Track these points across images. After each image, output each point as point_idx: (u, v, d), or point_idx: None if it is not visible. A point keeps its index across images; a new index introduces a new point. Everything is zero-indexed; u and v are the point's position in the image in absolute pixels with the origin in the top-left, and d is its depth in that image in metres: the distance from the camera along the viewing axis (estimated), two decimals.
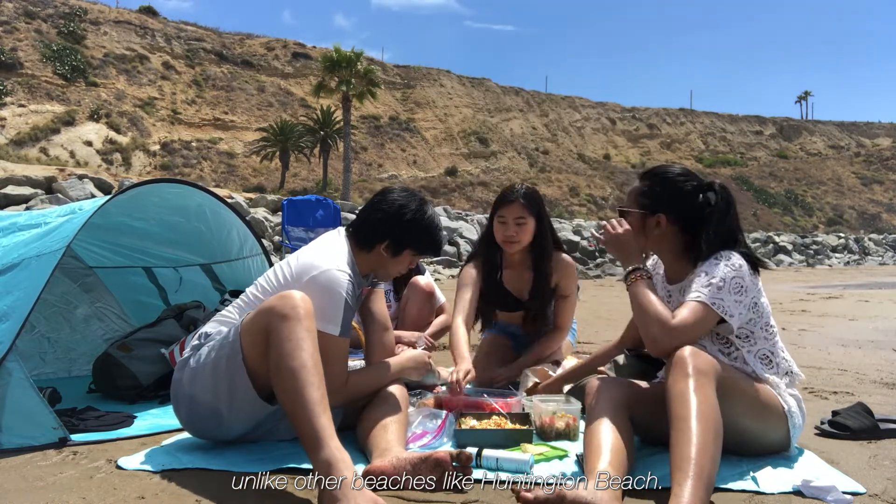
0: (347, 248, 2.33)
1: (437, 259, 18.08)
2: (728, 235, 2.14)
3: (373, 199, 2.42)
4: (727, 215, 2.16)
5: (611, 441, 1.84)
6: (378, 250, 2.33)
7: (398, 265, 2.40)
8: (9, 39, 37.29)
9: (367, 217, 2.38)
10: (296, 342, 1.89)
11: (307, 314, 1.95)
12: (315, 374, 1.85)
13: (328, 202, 5.73)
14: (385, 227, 2.32)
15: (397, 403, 2.26)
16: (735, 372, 2.03)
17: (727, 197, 2.18)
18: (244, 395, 2.08)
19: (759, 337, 2.13)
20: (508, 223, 3.00)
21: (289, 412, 1.85)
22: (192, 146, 39.22)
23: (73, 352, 3.63)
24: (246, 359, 2.04)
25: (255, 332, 2.01)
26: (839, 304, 9.34)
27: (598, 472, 1.74)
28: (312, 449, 1.74)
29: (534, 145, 56.22)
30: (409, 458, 1.87)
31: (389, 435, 2.06)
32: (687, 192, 2.18)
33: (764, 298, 2.15)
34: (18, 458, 2.16)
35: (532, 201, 3.01)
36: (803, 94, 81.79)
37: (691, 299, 2.01)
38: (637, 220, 2.20)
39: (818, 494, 1.84)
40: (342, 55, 31.24)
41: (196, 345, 2.22)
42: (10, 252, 2.69)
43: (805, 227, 51.64)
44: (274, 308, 1.96)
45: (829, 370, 3.98)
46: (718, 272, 2.02)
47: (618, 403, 1.98)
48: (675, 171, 2.24)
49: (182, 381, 2.18)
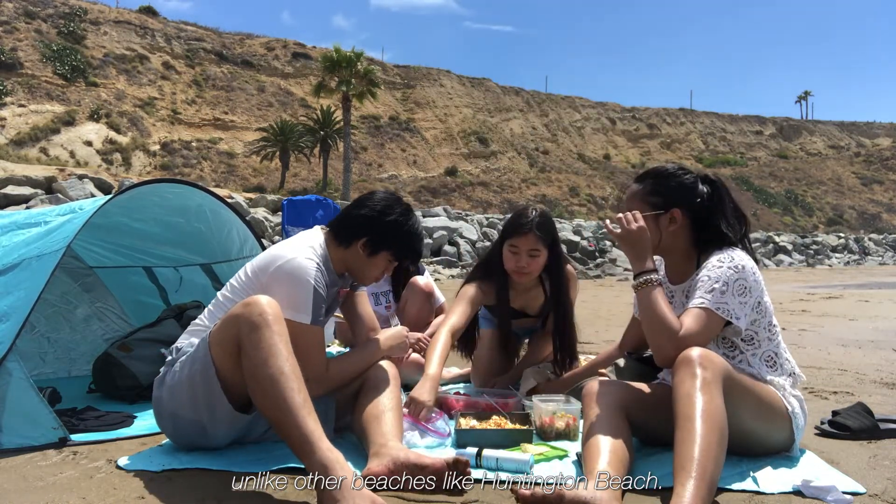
0: (321, 241, 2.30)
1: (437, 259, 18.09)
2: (736, 223, 2.18)
3: (359, 198, 2.40)
4: (725, 204, 2.19)
5: (609, 441, 1.84)
6: (355, 247, 2.29)
7: (373, 268, 2.34)
8: (9, 39, 37.28)
9: (350, 213, 2.35)
10: (268, 349, 1.85)
11: (276, 318, 1.91)
12: (293, 379, 1.82)
13: (328, 202, 5.73)
14: (366, 224, 2.29)
15: (389, 388, 2.23)
16: (740, 373, 2.03)
17: (720, 185, 2.23)
18: (222, 407, 2.06)
19: (763, 338, 2.13)
20: (521, 254, 2.84)
21: (272, 420, 1.82)
22: (192, 146, 39.22)
23: (73, 352, 3.63)
24: (218, 371, 2.01)
25: (224, 342, 1.97)
26: (839, 304, 9.34)
27: (597, 472, 1.74)
28: (304, 454, 1.72)
29: (534, 145, 56.22)
30: (406, 462, 1.86)
31: (384, 427, 2.05)
32: (692, 184, 2.20)
33: (767, 297, 2.15)
34: (18, 458, 2.16)
35: (546, 231, 2.85)
36: (803, 94, 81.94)
37: (695, 305, 2.00)
38: (652, 223, 2.17)
39: (818, 494, 1.84)
40: (342, 55, 31.25)
41: (170, 360, 2.20)
42: (10, 252, 2.69)
43: (805, 227, 51.65)
44: (241, 317, 1.92)
45: (829, 370, 3.98)
46: (721, 275, 2.02)
47: (615, 405, 1.98)
48: (672, 167, 2.27)
49: (162, 399, 2.16)
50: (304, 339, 2.09)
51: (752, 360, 2.12)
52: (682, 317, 2.00)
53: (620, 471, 1.78)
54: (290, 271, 2.13)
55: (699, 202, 2.18)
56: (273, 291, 2.09)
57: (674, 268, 2.27)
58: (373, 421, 2.07)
